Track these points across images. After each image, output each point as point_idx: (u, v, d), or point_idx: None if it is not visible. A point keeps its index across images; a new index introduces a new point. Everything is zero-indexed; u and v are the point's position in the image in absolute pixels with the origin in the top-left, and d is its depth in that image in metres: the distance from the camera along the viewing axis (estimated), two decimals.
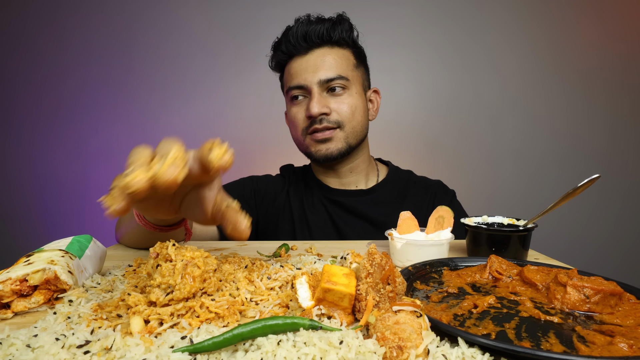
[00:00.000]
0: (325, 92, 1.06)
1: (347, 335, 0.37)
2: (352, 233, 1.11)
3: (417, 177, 1.25)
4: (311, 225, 1.14)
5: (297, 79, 1.07)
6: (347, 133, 1.08)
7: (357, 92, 1.10)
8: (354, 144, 1.10)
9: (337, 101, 1.06)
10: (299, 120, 1.09)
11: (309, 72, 1.05)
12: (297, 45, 1.06)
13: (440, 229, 0.75)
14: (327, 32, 1.05)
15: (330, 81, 1.04)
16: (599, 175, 0.64)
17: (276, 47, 1.12)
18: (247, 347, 0.38)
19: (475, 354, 0.36)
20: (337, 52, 1.08)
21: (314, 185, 1.20)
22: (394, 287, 0.46)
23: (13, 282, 0.49)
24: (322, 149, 1.08)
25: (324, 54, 1.06)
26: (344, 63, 1.08)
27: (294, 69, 1.08)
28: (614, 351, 0.37)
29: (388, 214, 1.10)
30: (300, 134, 1.11)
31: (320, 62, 1.05)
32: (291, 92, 1.09)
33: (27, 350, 0.37)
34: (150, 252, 0.47)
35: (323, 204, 1.16)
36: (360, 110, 1.10)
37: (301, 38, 1.05)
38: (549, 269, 0.58)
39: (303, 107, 1.08)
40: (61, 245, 0.59)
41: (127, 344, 0.38)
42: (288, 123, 1.18)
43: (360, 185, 1.19)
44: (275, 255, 0.76)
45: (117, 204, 0.41)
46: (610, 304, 0.47)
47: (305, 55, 1.07)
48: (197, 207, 0.56)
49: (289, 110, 1.13)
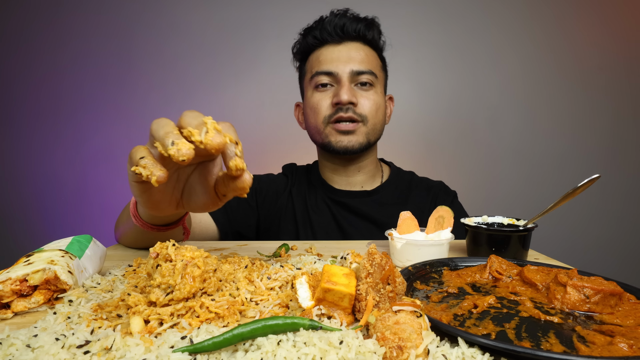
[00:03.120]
0: (353, 84, 1.07)
1: (347, 335, 0.37)
2: (357, 233, 1.11)
3: (419, 179, 1.25)
4: (314, 226, 1.13)
5: (327, 65, 1.06)
6: (369, 129, 1.08)
7: (381, 92, 1.12)
8: (373, 140, 1.11)
9: (364, 95, 1.07)
10: (323, 107, 1.07)
11: (341, 61, 1.05)
12: (333, 33, 1.06)
13: (440, 229, 0.75)
14: (364, 29, 1.07)
15: (361, 74, 1.05)
16: (599, 175, 0.64)
17: (307, 32, 1.11)
18: (247, 347, 0.37)
19: (475, 354, 0.36)
20: (369, 50, 1.10)
21: (318, 185, 1.19)
22: (394, 287, 0.46)
23: (13, 282, 0.49)
24: (343, 140, 1.07)
25: (357, 48, 1.07)
26: (374, 61, 1.10)
27: (324, 56, 1.07)
28: (614, 351, 0.37)
29: (391, 215, 1.10)
30: (321, 122, 1.09)
31: (354, 53, 1.06)
32: (317, 78, 1.07)
33: (27, 350, 0.37)
34: (150, 252, 0.47)
35: (327, 204, 1.16)
36: (382, 110, 1.12)
37: (339, 28, 1.06)
38: (549, 269, 0.58)
39: (329, 94, 1.07)
40: (61, 245, 0.59)
41: (127, 344, 0.38)
42: (305, 110, 1.16)
43: (366, 186, 1.19)
44: (275, 255, 0.76)
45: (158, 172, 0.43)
46: (610, 304, 0.47)
47: (338, 45, 1.07)
48: (200, 187, 0.57)
49: (311, 96, 1.10)
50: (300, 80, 1.20)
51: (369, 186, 1.19)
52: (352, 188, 1.17)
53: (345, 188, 1.17)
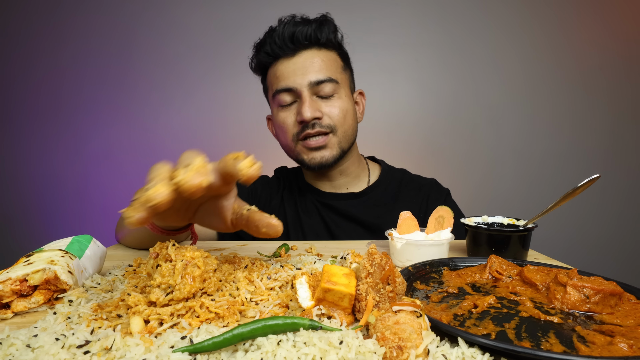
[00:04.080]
0: (315, 95, 1.03)
1: (347, 335, 0.37)
2: (345, 236, 1.10)
3: (411, 177, 1.23)
4: (305, 228, 1.13)
5: (285, 82, 1.02)
6: (339, 138, 1.05)
7: (346, 95, 1.07)
8: (346, 148, 1.08)
9: (328, 105, 1.03)
10: (289, 125, 1.05)
11: (297, 75, 1.01)
12: (284, 46, 1.02)
13: (440, 229, 0.75)
14: (314, 33, 1.01)
15: (321, 83, 1.01)
16: (599, 175, 0.64)
17: (259, 47, 1.07)
18: (247, 347, 0.38)
19: (475, 354, 0.36)
20: (325, 54, 1.04)
21: (306, 189, 1.19)
22: (394, 287, 0.46)
23: (13, 282, 0.49)
24: (316, 157, 1.05)
25: (312, 55, 1.02)
26: (333, 65, 1.04)
27: (280, 71, 1.03)
28: (614, 351, 0.36)
29: (380, 216, 1.10)
30: (290, 140, 1.06)
31: (309, 63, 1.01)
32: (278, 96, 1.04)
33: (27, 350, 0.37)
34: (150, 252, 0.47)
35: (316, 207, 1.16)
36: (350, 114, 1.07)
37: (288, 39, 1.01)
38: (549, 269, 0.58)
39: (292, 111, 1.04)
40: (61, 245, 0.59)
41: (127, 344, 0.38)
42: (274, 128, 1.13)
43: (352, 187, 1.17)
44: (275, 255, 0.76)
45: (137, 214, 0.42)
46: (610, 304, 0.47)
47: (292, 57, 1.02)
48: (215, 216, 0.58)
49: (276, 115, 1.08)
50: (265, 94, 1.17)
51: (355, 187, 1.18)
52: (337, 190, 1.17)
53: (331, 191, 1.17)
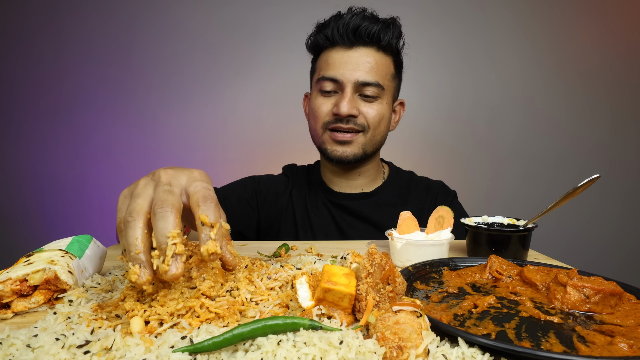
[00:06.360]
0: (358, 94, 1.03)
1: (347, 335, 0.37)
2: (356, 235, 1.10)
3: (419, 178, 1.25)
4: (314, 227, 1.13)
5: (333, 71, 1.01)
6: (367, 140, 1.06)
7: (387, 102, 1.07)
8: (370, 152, 1.09)
9: (367, 106, 1.03)
10: (322, 113, 1.05)
11: (348, 68, 1.00)
12: (345, 36, 1.00)
13: (440, 229, 0.75)
14: (378, 32, 1.00)
15: (367, 85, 1.01)
16: (599, 175, 0.64)
17: (321, 28, 1.06)
18: (247, 347, 0.37)
19: (475, 354, 0.36)
20: (381, 57, 1.03)
21: (318, 187, 1.19)
22: (394, 287, 0.46)
23: (13, 282, 0.49)
24: (338, 150, 1.05)
25: (368, 54, 1.01)
26: (384, 70, 1.04)
27: (332, 59, 1.03)
28: (614, 351, 0.36)
29: (391, 216, 1.10)
30: (319, 127, 1.06)
31: (362, 61, 1.00)
32: (322, 82, 1.03)
33: (27, 350, 0.37)
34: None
35: (326, 206, 1.16)
36: (385, 120, 1.08)
37: (351, 30, 1.00)
38: (549, 269, 0.58)
39: (331, 101, 1.04)
40: (61, 245, 0.59)
41: (127, 344, 0.38)
42: (308, 109, 1.14)
43: (366, 188, 1.18)
44: (275, 255, 0.76)
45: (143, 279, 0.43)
46: (610, 304, 0.47)
47: (348, 50, 1.01)
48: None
49: (314, 99, 1.08)
50: (311, 74, 1.17)
51: (369, 188, 1.18)
52: (352, 190, 1.17)
53: (345, 190, 1.17)
